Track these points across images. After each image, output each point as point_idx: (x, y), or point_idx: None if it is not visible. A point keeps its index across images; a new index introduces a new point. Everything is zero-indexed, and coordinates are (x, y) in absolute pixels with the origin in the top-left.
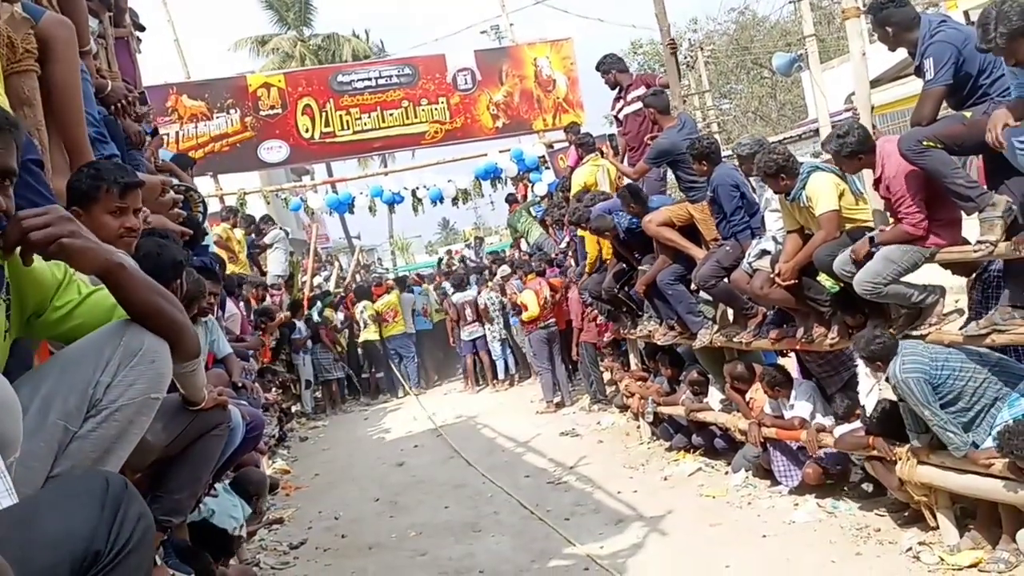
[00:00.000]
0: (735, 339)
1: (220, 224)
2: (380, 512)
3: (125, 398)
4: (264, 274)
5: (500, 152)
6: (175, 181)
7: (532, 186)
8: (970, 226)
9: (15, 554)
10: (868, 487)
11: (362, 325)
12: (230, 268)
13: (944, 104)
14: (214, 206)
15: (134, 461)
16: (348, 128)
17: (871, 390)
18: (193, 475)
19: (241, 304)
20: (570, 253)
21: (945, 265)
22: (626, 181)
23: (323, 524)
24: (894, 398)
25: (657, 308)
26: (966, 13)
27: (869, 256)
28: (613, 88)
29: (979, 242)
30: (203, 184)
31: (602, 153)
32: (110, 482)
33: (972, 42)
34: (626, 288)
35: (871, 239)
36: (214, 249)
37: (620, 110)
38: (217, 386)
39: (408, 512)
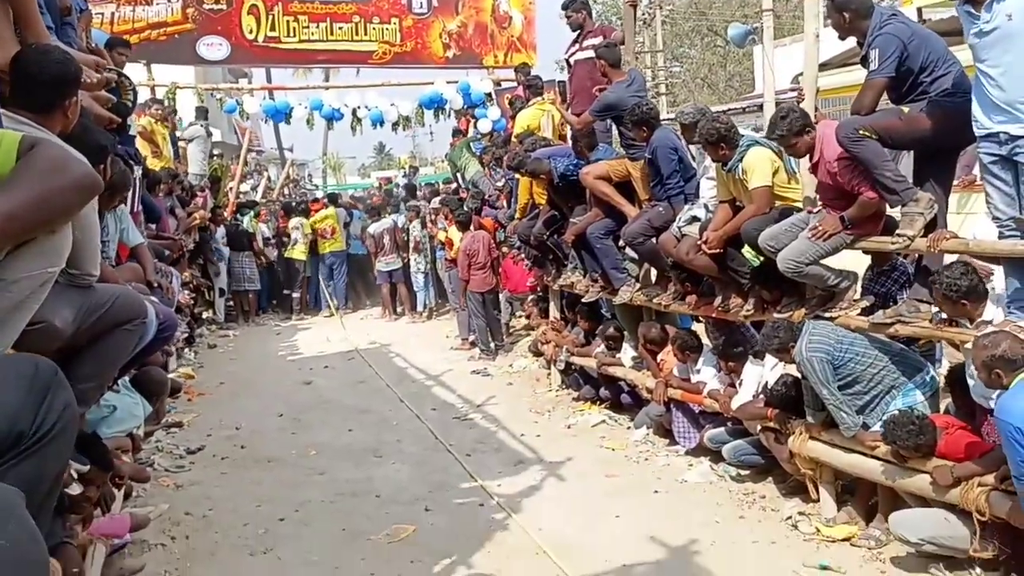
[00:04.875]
0: (654, 300)
1: (145, 116)
2: (282, 428)
3: (22, 271)
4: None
5: (447, 83)
6: (106, 63)
7: (475, 122)
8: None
9: None
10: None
11: (292, 241)
12: (152, 163)
13: (884, 97)
14: (143, 96)
15: (39, 345)
16: (294, 35)
17: (775, 365)
18: (102, 367)
19: (163, 199)
20: (502, 195)
21: (867, 251)
22: (568, 129)
23: (223, 433)
24: (797, 375)
25: (583, 260)
26: (919, 10)
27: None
28: (575, 30)
29: (898, 235)
30: (134, 72)
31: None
32: (39, 367)
33: (918, 38)
34: (555, 236)
35: (842, 218)
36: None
37: (573, 54)
38: (131, 281)
39: (310, 431)
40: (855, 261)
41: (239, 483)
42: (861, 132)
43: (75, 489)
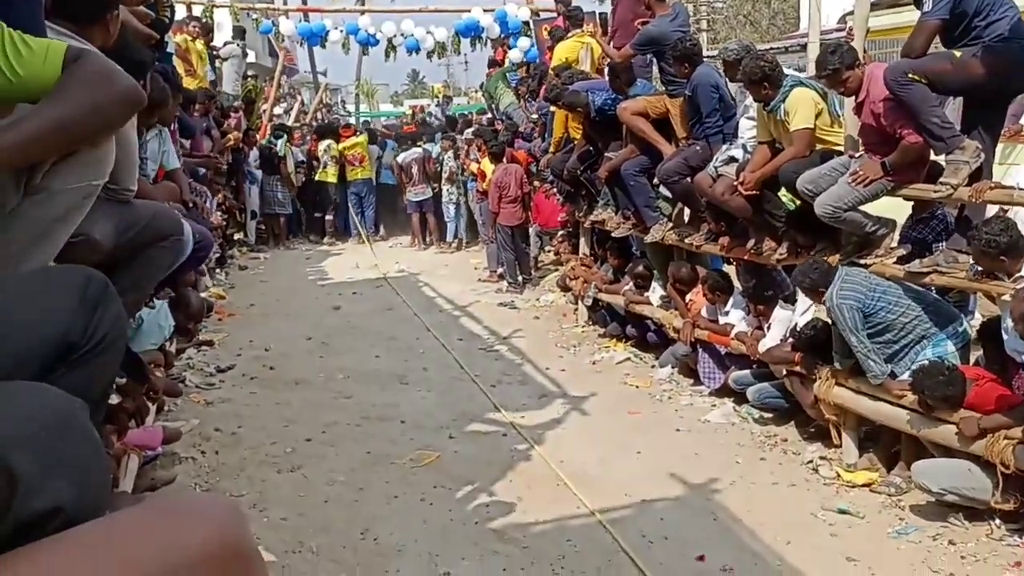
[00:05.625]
0: (686, 240)
1: (180, 33)
2: (311, 351)
3: (66, 183)
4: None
5: (484, 11)
6: None
7: (509, 51)
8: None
9: None
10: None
11: (322, 165)
12: (187, 82)
13: (936, 41)
14: (180, 13)
15: (79, 260)
16: None
17: (806, 310)
18: (139, 283)
19: (198, 118)
20: (536, 127)
21: (908, 199)
22: (607, 63)
23: (252, 354)
24: (826, 320)
25: (616, 197)
26: None
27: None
28: None
29: (941, 182)
30: None
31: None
32: (91, 278)
33: None
34: (588, 172)
35: (883, 163)
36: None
37: None
38: (167, 199)
39: (339, 355)
40: (894, 209)
41: (267, 403)
42: (910, 75)
43: (112, 400)
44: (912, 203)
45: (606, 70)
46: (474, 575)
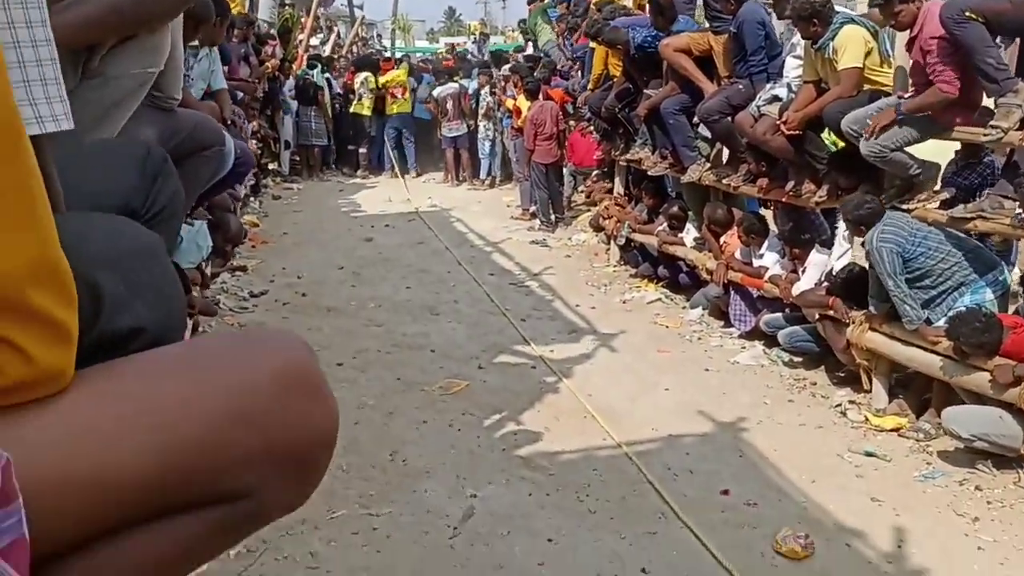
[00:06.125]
0: (724, 180)
1: None
2: (343, 280)
3: (124, 68)
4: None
5: None
6: None
7: None
8: None
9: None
10: None
11: (357, 97)
12: None
13: None
14: None
15: None
16: None
17: (844, 254)
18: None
19: (236, 45)
20: (576, 65)
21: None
22: None
23: (285, 280)
24: (864, 264)
25: (654, 135)
26: None
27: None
28: None
29: (991, 126)
30: None
31: None
32: (151, 152)
33: None
34: (627, 110)
35: (898, 108)
36: None
37: None
38: (210, 114)
39: (370, 285)
40: (939, 152)
41: (299, 328)
42: (967, 14)
43: None
44: (957, 148)
45: (647, 6)
46: (501, 498)
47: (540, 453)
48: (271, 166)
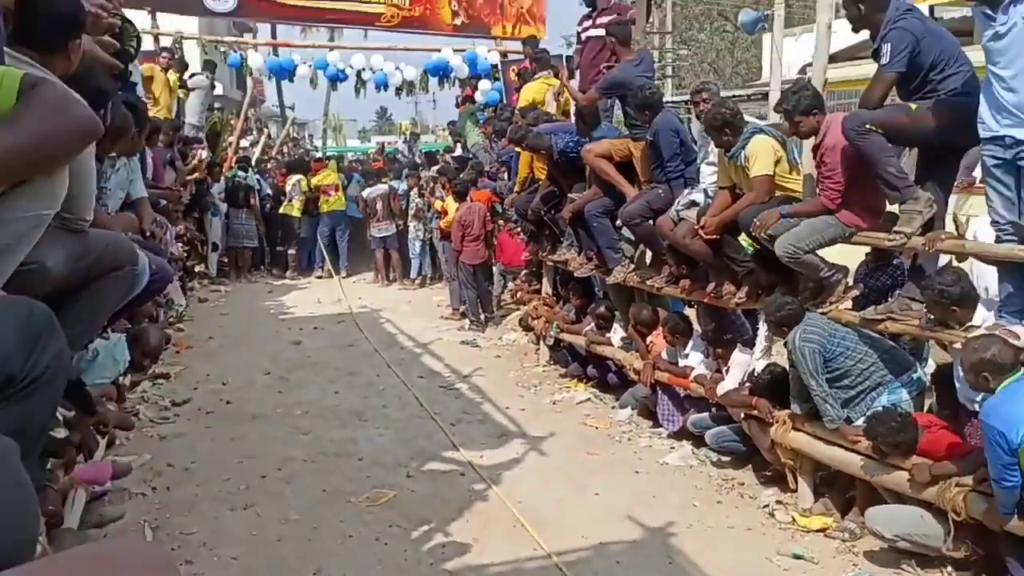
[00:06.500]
0: (648, 282)
1: (146, 63)
2: (269, 385)
3: (17, 211)
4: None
5: (454, 51)
6: (112, 7)
7: (476, 91)
8: None
9: None
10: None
11: (288, 198)
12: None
13: (893, 93)
14: (147, 45)
15: (30, 288)
16: None
17: (763, 354)
18: (91, 313)
19: (162, 150)
20: (501, 167)
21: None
22: (573, 105)
23: (209, 387)
24: (785, 364)
25: (579, 237)
26: (931, 8)
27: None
28: (589, 6)
29: (895, 231)
30: (138, 19)
31: (556, 73)
32: (34, 311)
33: (931, 35)
34: (552, 212)
35: (781, 212)
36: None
37: (586, 30)
38: (125, 229)
39: (297, 390)
40: (851, 253)
41: (223, 438)
42: (868, 126)
43: (59, 433)
44: (868, 251)
45: (572, 112)
46: None
47: (469, 566)
48: (198, 268)
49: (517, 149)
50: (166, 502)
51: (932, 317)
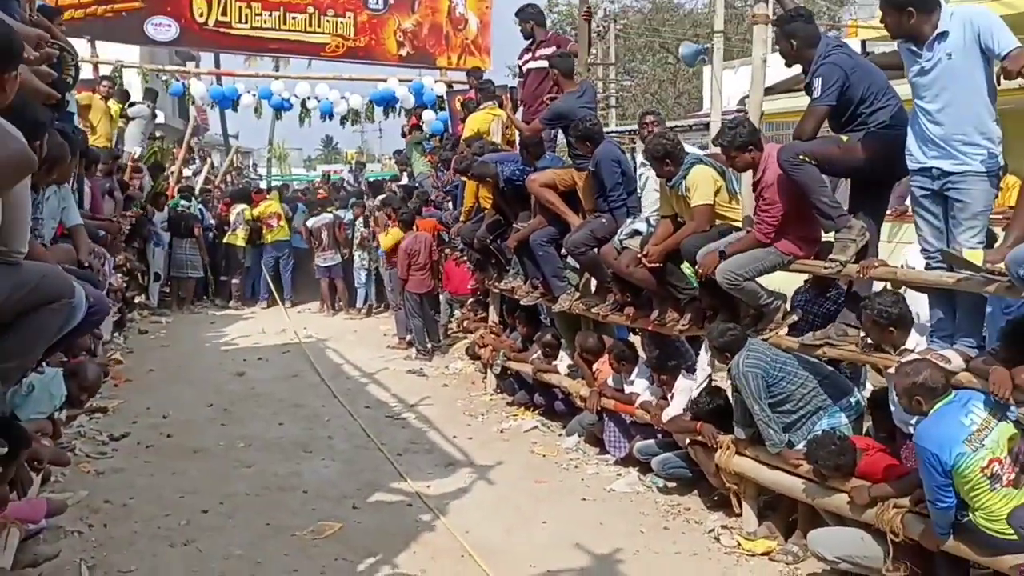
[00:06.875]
0: (593, 309)
1: (84, 92)
2: (212, 418)
3: None
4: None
5: (400, 81)
6: (50, 38)
7: (422, 120)
8: None
9: None
10: None
11: (231, 228)
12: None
13: (825, 125)
14: (86, 73)
15: None
16: (246, 22)
17: (705, 379)
18: (25, 346)
19: (101, 179)
20: (447, 196)
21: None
22: (518, 135)
23: (149, 421)
24: (720, 385)
25: (524, 266)
26: (863, 43)
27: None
28: (527, 39)
29: (831, 259)
30: (78, 47)
31: (501, 103)
32: None
33: (860, 70)
34: (498, 241)
35: (721, 252)
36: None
37: (526, 62)
38: (62, 261)
39: (240, 423)
40: (789, 280)
41: (163, 472)
42: (801, 157)
43: None
44: (808, 277)
45: (517, 141)
46: None
47: None
48: (138, 299)
49: (463, 178)
50: (103, 540)
51: (869, 340)
